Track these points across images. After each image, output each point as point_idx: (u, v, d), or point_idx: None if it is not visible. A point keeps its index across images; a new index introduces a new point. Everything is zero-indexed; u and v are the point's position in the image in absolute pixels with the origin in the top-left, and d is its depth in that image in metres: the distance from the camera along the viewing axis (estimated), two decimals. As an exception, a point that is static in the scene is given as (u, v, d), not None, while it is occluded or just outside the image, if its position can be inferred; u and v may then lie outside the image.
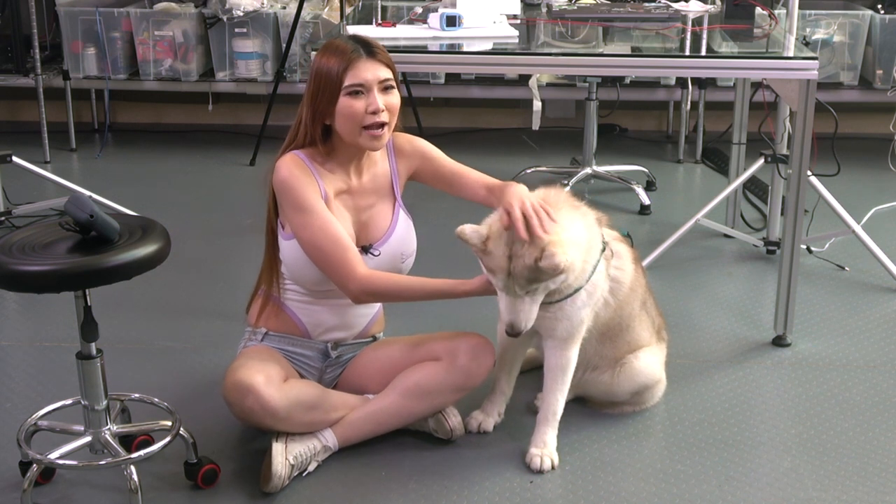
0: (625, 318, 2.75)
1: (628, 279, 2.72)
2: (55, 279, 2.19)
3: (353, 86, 2.51)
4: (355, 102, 2.52)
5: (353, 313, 2.73)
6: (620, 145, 5.53)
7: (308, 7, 5.19)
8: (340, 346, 2.75)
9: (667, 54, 3.48)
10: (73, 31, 5.30)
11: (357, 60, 2.52)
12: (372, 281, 2.53)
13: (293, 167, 2.55)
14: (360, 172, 2.66)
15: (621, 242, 2.77)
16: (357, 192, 2.65)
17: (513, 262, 2.40)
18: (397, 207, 2.72)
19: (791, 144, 3.16)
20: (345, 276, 2.51)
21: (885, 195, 4.49)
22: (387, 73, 2.56)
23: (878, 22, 5.09)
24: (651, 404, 2.90)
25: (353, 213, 2.64)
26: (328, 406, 2.60)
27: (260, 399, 2.47)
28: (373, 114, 2.52)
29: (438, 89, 5.48)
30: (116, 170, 5.11)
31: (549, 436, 2.64)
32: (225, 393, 2.55)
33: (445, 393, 2.64)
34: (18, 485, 2.41)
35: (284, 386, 2.53)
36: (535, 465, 2.60)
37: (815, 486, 2.56)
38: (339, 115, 2.54)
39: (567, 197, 2.59)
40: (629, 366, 2.80)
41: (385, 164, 2.71)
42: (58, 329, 3.34)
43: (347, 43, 2.56)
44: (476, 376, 2.65)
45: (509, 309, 2.45)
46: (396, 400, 2.63)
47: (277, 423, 2.51)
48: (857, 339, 3.34)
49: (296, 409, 2.52)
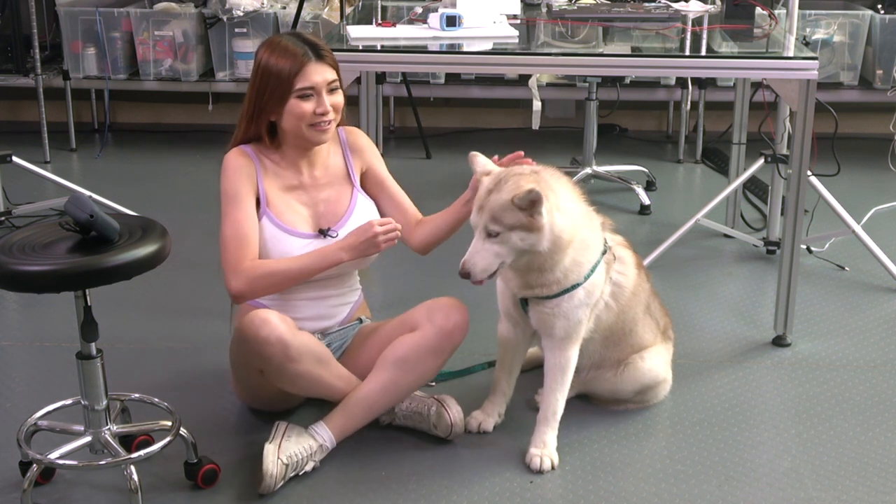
0: (628, 322, 2.76)
1: (631, 284, 2.73)
2: (55, 279, 2.19)
3: (303, 89, 2.58)
4: (304, 104, 2.59)
5: (330, 303, 2.76)
6: (620, 145, 5.54)
7: (308, 7, 5.19)
8: (328, 335, 2.77)
9: (667, 54, 3.48)
10: (73, 31, 5.30)
11: (307, 64, 2.58)
12: (253, 266, 2.56)
13: (237, 159, 2.65)
14: (311, 166, 2.71)
15: (626, 248, 2.77)
16: (310, 186, 2.71)
17: (490, 195, 2.43)
18: (355, 192, 2.76)
19: (791, 144, 3.16)
20: (233, 268, 2.56)
21: (885, 195, 4.49)
22: (333, 74, 2.64)
23: (878, 22, 5.09)
24: (656, 402, 2.91)
25: (310, 206, 2.70)
26: (335, 370, 2.62)
27: (276, 330, 2.48)
28: (321, 115, 2.60)
29: (438, 89, 5.48)
30: (116, 170, 5.11)
31: (549, 436, 2.64)
32: (240, 329, 2.54)
33: (427, 358, 2.64)
34: (18, 485, 2.41)
35: (298, 332, 2.56)
36: (535, 465, 2.60)
37: (815, 486, 2.56)
38: (288, 115, 2.60)
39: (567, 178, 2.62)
40: (633, 366, 2.80)
41: (338, 158, 2.77)
42: (58, 329, 3.34)
43: (296, 44, 2.60)
44: (452, 334, 2.65)
45: (469, 251, 2.47)
46: (381, 376, 2.64)
47: (287, 362, 2.50)
48: (857, 339, 3.34)
49: (307, 356, 2.53)
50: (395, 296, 3.56)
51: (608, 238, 2.69)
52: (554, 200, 2.45)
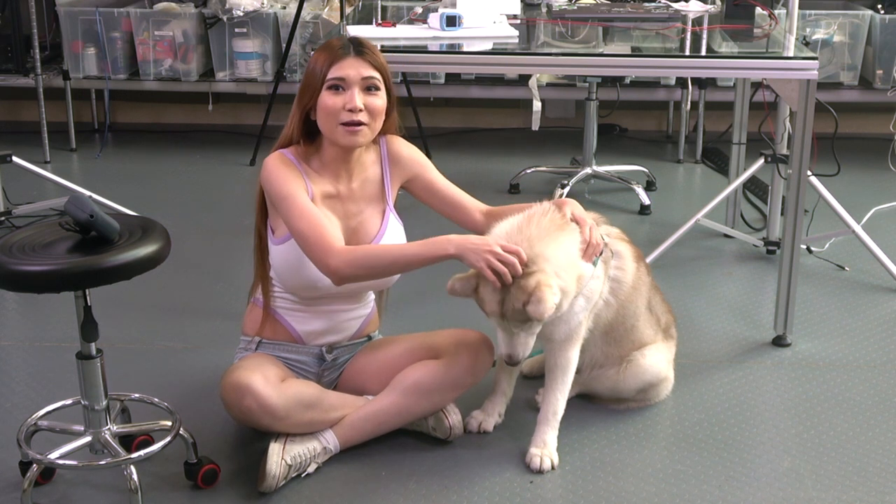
0: (628, 317, 2.75)
1: (630, 278, 2.72)
2: (55, 279, 2.19)
3: (333, 79, 2.52)
4: (334, 97, 2.53)
5: (344, 317, 2.72)
6: (620, 145, 5.54)
7: (308, 7, 5.19)
8: (335, 350, 2.74)
9: (667, 54, 3.48)
10: (73, 31, 5.30)
11: (343, 57, 2.53)
12: (350, 251, 2.48)
13: (279, 163, 2.56)
14: (349, 178, 2.64)
15: (624, 242, 2.77)
16: (346, 197, 2.64)
17: (504, 305, 2.42)
18: (387, 212, 2.70)
19: (791, 144, 3.16)
20: (324, 252, 2.45)
21: (885, 195, 4.49)
22: (371, 72, 2.55)
23: (878, 22, 5.09)
24: (658, 401, 2.91)
25: (343, 219, 2.63)
26: (327, 405, 2.60)
27: (258, 398, 2.46)
28: (350, 111, 2.52)
29: (438, 89, 5.48)
30: (116, 170, 5.11)
31: (550, 436, 2.64)
32: (223, 394, 2.55)
33: (446, 391, 2.64)
34: (18, 485, 2.41)
35: (282, 385, 2.53)
36: (535, 465, 2.60)
37: (815, 486, 2.56)
38: (319, 109, 2.55)
39: (552, 217, 2.53)
40: (635, 363, 2.80)
41: (377, 170, 2.70)
42: (58, 329, 3.34)
43: (340, 40, 2.58)
44: (477, 374, 2.65)
45: (507, 343, 2.49)
46: (396, 399, 2.63)
47: (276, 422, 2.50)
48: (857, 339, 3.34)
49: (294, 409, 2.52)
50: (408, 314, 3.44)
51: (603, 234, 2.67)
52: (556, 286, 2.41)
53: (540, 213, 2.54)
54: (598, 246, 2.56)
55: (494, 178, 4.84)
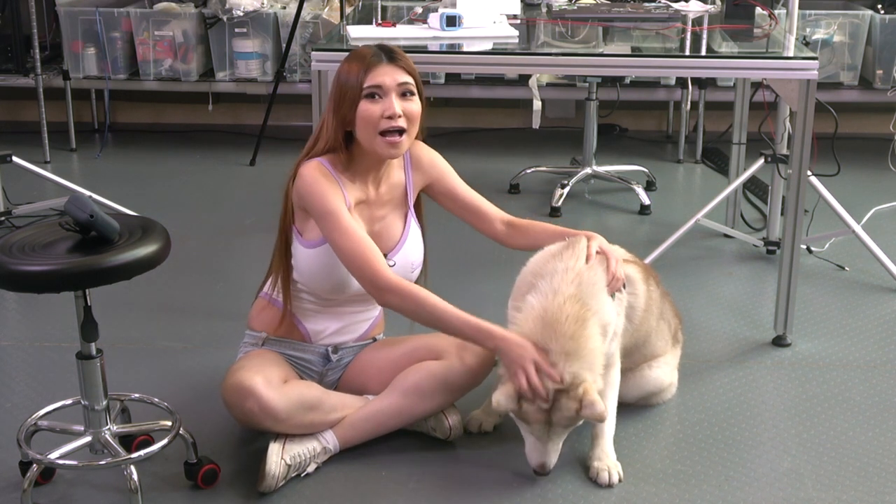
0: (642, 335, 2.76)
1: (642, 302, 2.72)
2: (55, 279, 2.19)
3: (370, 87, 2.50)
4: (372, 106, 2.50)
5: (357, 319, 2.74)
6: (620, 145, 5.54)
7: (308, 7, 5.19)
8: (341, 350, 2.74)
9: (667, 54, 3.48)
10: (73, 31, 5.30)
11: (377, 65, 2.51)
12: (408, 289, 2.48)
13: (318, 174, 2.53)
14: (377, 183, 2.65)
15: (632, 264, 2.75)
16: (374, 202, 2.64)
17: (553, 414, 2.43)
18: (409, 217, 2.71)
19: (791, 144, 3.16)
20: (374, 275, 2.47)
21: (885, 195, 4.50)
22: (405, 77, 2.54)
23: (878, 22, 5.09)
24: (659, 403, 2.92)
25: (368, 222, 2.63)
26: (328, 407, 2.60)
27: (260, 401, 2.47)
28: (389, 118, 2.50)
29: (438, 89, 5.47)
30: (116, 170, 5.11)
31: (609, 448, 2.62)
32: (224, 395, 2.55)
33: (447, 392, 2.64)
34: (18, 485, 2.41)
35: (284, 387, 2.53)
36: (604, 480, 2.56)
37: (815, 486, 2.56)
38: (359, 120, 2.52)
39: (574, 313, 2.46)
40: (640, 374, 2.83)
41: (401, 174, 2.70)
42: (58, 329, 3.34)
43: (369, 49, 2.56)
44: (480, 376, 2.66)
45: (541, 451, 2.49)
46: (397, 400, 2.63)
47: (277, 424, 2.51)
48: (857, 339, 3.34)
49: (295, 411, 2.52)
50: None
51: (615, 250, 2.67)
52: (587, 366, 2.44)
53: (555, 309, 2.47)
54: (620, 280, 2.58)
55: (494, 178, 4.84)
